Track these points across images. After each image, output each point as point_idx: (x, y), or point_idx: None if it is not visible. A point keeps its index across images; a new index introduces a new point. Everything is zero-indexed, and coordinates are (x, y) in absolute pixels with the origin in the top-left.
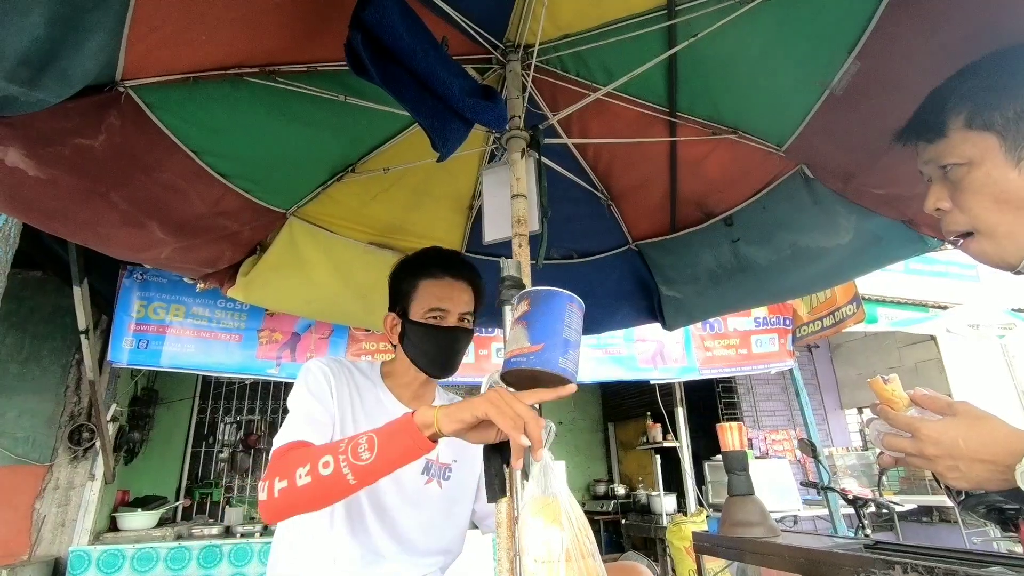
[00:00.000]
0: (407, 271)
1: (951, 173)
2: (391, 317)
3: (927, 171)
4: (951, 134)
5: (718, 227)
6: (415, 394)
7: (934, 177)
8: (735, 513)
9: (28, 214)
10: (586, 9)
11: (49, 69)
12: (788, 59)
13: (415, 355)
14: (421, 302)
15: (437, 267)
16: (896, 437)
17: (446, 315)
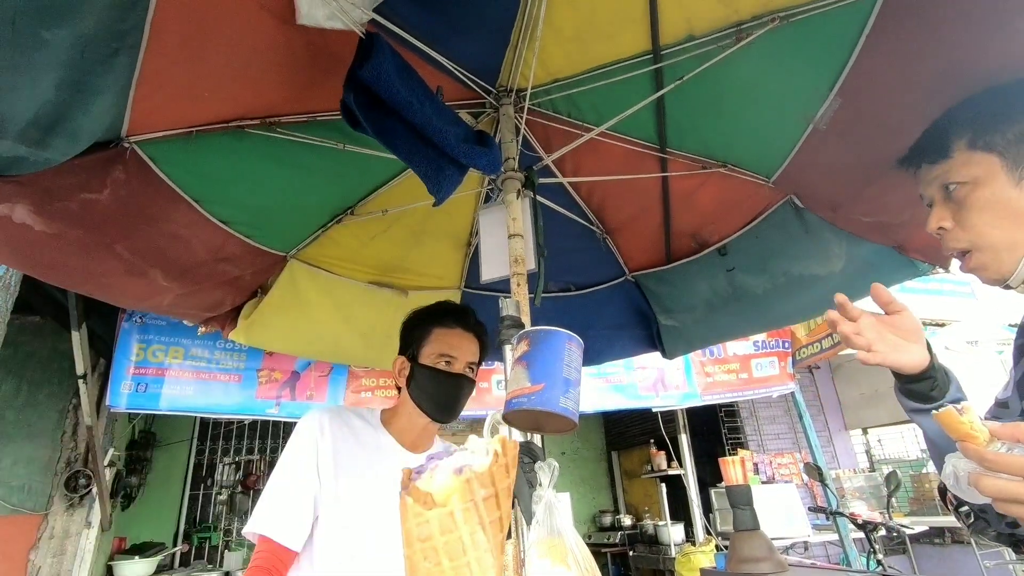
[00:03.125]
0: (421, 319)
1: (955, 192)
2: (400, 360)
3: (928, 193)
4: (955, 155)
5: (712, 257)
6: (415, 440)
7: (935, 199)
8: (741, 549)
9: (34, 268)
10: (575, 55)
11: (57, 130)
12: (772, 96)
13: (420, 398)
14: (432, 347)
15: (450, 317)
16: (1000, 481)
17: (454, 362)
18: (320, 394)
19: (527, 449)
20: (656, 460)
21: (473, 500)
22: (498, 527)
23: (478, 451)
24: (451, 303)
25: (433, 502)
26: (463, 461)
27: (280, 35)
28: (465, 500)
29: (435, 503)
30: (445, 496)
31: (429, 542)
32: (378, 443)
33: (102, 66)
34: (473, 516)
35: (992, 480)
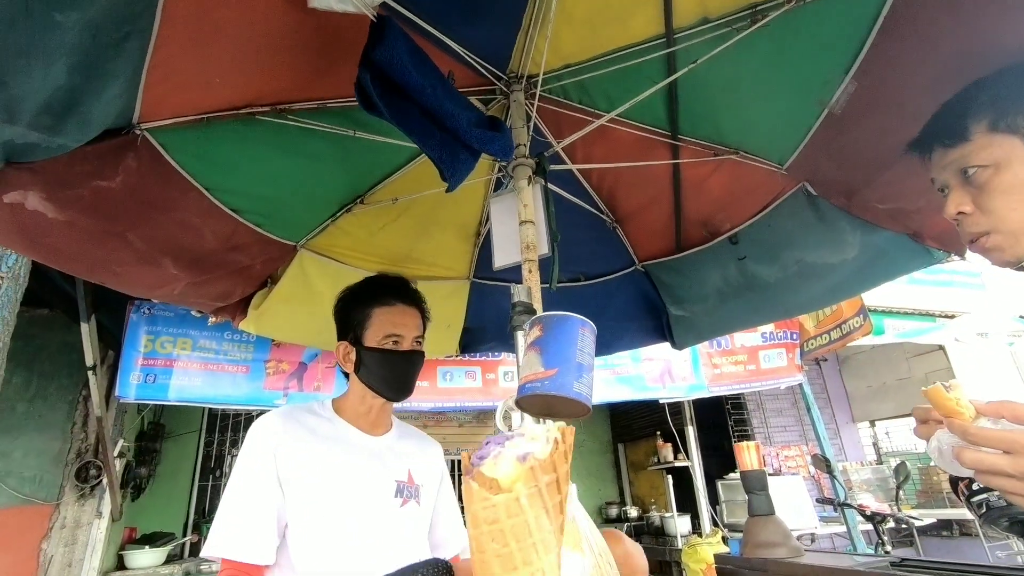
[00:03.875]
0: (358, 300)
1: (975, 176)
2: (343, 346)
3: (943, 178)
4: (975, 138)
5: (724, 246)
6: (373, 421)
7: (951, 183)
8: (757, 534)
9: (47, 255)
10: (587, 39)
11: (70, 116)
12: (786, 80)
13: (372, 381)
14: (376, 329)
15: (389, 295)
16: (981, 453)
17: (402, 340)
18: (327, 385)
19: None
20: (663, 452)
21: (537, 486)
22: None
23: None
24: (384, 277)
25: (499, 488)
26: (525, 448)
27: (291, 19)
28: (529, 486)
29: (501, 489)
30: (510, 482)
31: (496, 525)
32: (336, 433)
33: (113, 50)
34: (538, 501)
35: (973, 452)
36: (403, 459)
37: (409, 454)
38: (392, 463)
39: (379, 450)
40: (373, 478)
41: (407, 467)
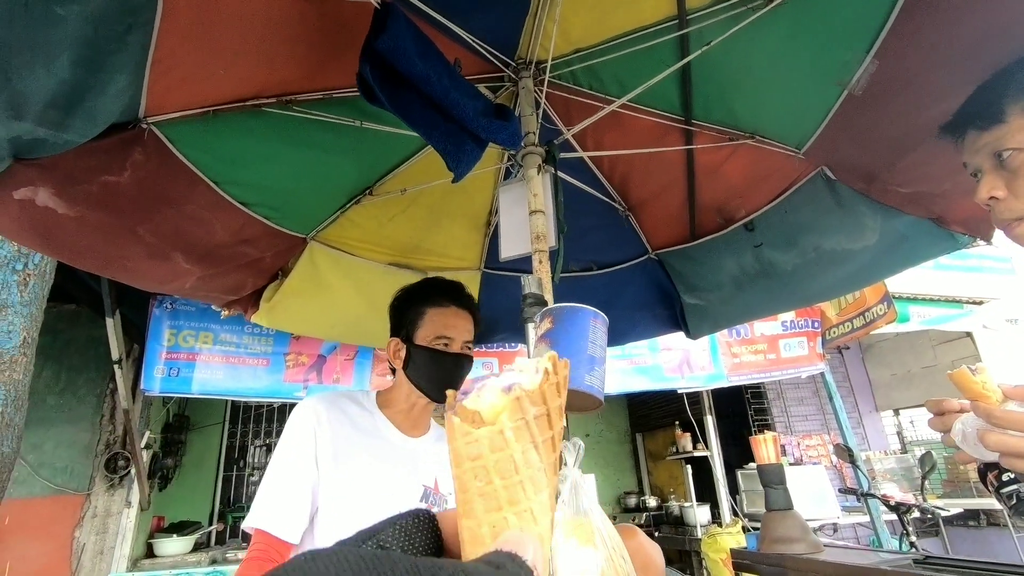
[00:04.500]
0: (412, 299)
1: (1009, 160)
2: (395, 343)
3: (976, 161)
4: (1011, 120)
5: (739, 233)
6: (414, 421)
7: (984, 167)
8: (775, 529)
9: (59, 251)
10: (596, 23)
11: (76, 110)
12: (804, 61)
13: (419, 379)
14: (428, 329)
15: (443, 296)
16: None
17: (452, 342)
18: (346, 377)
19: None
20: (681, 442)
21: (524, 419)
22: (551, 447)
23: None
24: (440, 280)
25: (482, 420)
26: (512, 380)
27: (294, 8)
28: (516, 419)
29: (484, 421)
30: (494, 414)
31: (479, 461)
32: (375, 427)
33: (116, 43)
34: (525, 435)
35: (998, 435)
36: (434, 465)
37: (442, 461)
38: (423, 467)
39: (413, 452)
40: (401, 480)
41: (435, 475)
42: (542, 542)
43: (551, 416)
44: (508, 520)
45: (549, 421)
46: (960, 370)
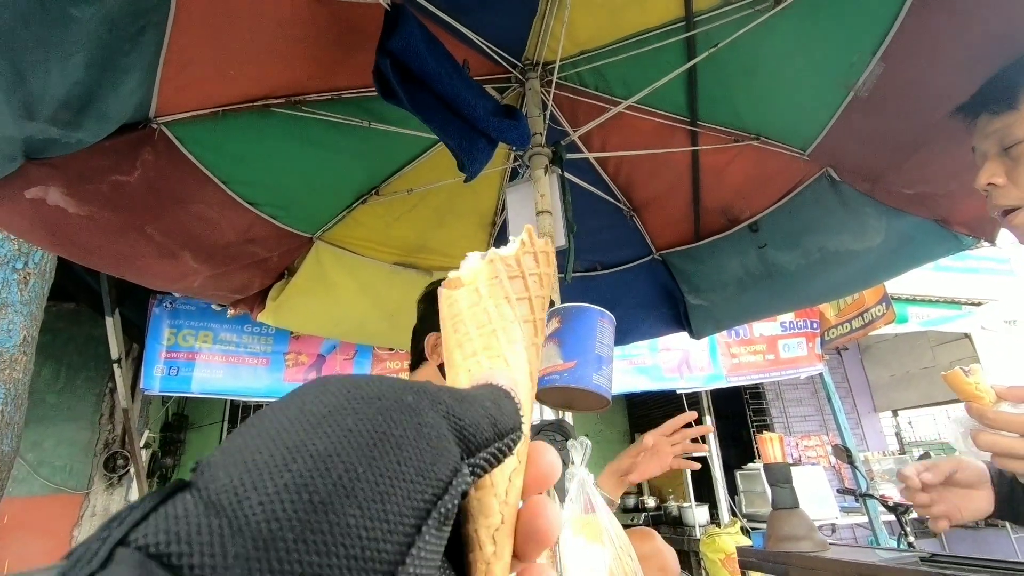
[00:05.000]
0: None
1: (1014, 149)
2: (434, 336)
3: (983, 146)
4: (1023, 108)
5: (743, 234)
6: None
7: (990, 153)
8: (781, 527)
9: (70, 250)
10: (603, 25)
11: (88, 111)
12: (810, 63)
13: None
14: None
15: None
16: (997, 436)
17: None
18: None
19: (559, 427)
20: None
21: (498, 277)
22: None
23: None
24: None
25: (461, 283)
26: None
27: (305, 9)
28: (490, 277)
29: (462, 283)
30: (472, 276)
31: (457, 316)
32: None
33: (129, 44)
34: (498, 290)
35: (989, 436)
36: None
37: None
38: None
39: None
40: None
41: None
42: (516, 383)
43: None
44: (481, 363)
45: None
46: (954, 371)
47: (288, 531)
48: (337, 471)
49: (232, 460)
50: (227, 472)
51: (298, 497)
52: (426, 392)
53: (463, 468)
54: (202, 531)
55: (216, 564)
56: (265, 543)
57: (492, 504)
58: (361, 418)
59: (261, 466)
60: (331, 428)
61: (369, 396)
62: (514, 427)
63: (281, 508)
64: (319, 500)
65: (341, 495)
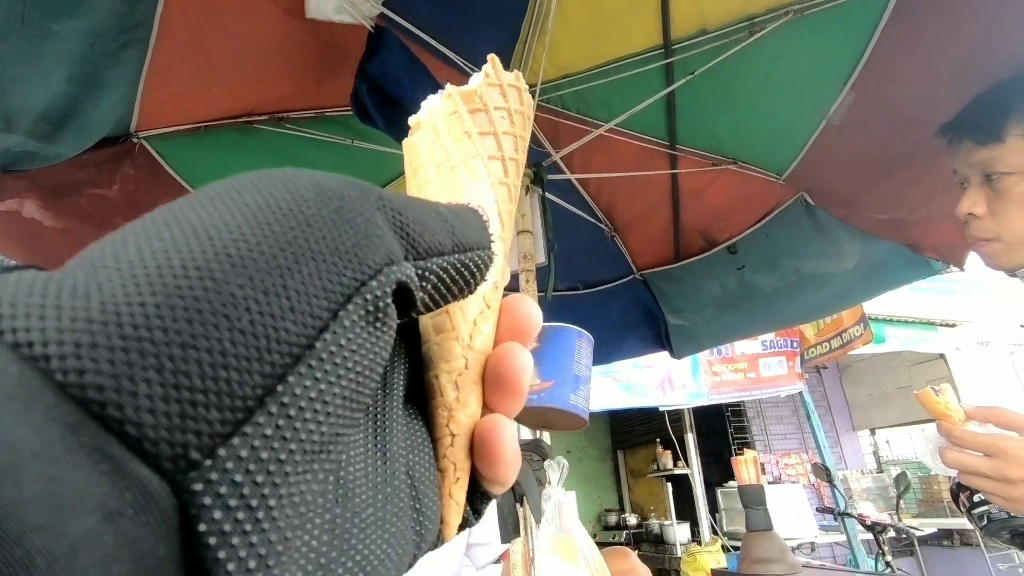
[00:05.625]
0: None
1: (997, 181)
2: None
3: (966, 172)
4: (1009, 140)
5: (722, 255)
6: None
7: (972, 181)
8: (754, 550)
9: (44, 264)
10: (585, 49)
11: (68, 124)
12: (784, 92)
13: None
14: None
15: None
16: (961, 454)
17: None
18: None
19: (536, 447)
20: (662, 459)
21: (457, 112)
22: (494, 142)
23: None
24: None
25: (420, 125)
26: (450, 87)
27: (289, 29)
28: (448, 113)
29: (422, 126)
30: (430, 116)
31: (416, 160)
32: None
33: (111, 59)
34: (457, 125)
35: (955, 453)
36: None
37: None
38: None
39: None
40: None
41: None
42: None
43: (490, 113)
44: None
45: (489, 118)
46: (924, 391)
47: (148, 296)
48: (222, 240)
49: (101, 240)
50: (90, 250)
51: (166, 263)
52: (356, 183)
53: (404, 263)
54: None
55: (46, 327)
56: (117, 307)
57: (454, 348)
58: (262, 194)
59: (129, 240)
60: (223, 203)
61: (278, 176)
62: (479, 244)
63: (143, 274)
64: (194, 266)
65: (224, 263)
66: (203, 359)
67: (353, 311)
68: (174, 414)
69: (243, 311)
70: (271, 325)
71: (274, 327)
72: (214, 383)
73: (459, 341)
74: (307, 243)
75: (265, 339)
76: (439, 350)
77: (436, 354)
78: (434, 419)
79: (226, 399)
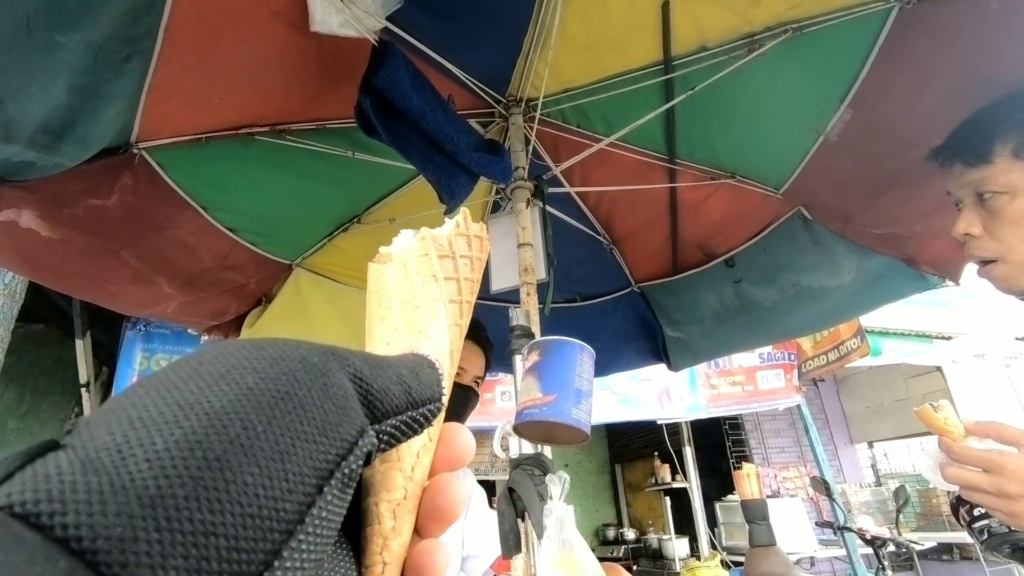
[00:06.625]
0: None
1: (989, 201)
2: None
3: (960, 194)
4: (997, 161)
5: (720, 268)
6: None
7: (966, 202)
8: (758, 565)
9: (40, 274)
10: (586, 65)
11: (67, 135)
12: (782, 107)
13: None
14: None
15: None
16: (961, 470)
17: (464, 374)
18: None
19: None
20: (660, 473)
21: (428, 255)
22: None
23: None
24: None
25: (390, 258)
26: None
27: (292, 42)
28: (420, 254)
29: (391, 259)
30: (401, 252)
31: (383, 291)
32: None
33: (114, 71)
34: (426, 267)
35: (954, 469)
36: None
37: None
38: None
39: None
40: None
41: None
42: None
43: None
44: (402, 338)
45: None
46: (923, 408)
47: (179, 488)
48: (235, 428)
49: (115, 418)
50: (109, 430)
51: (190, 454)
52: (334, 354)
53: (369, 431)
54: (78, 489)
55: (95, 523)
56: (152, 500)
57: (396, 478)
58: (262, 376)
59: (148, 423)
60: (229, 386)
61: (272, 356)
62: (432, 398)
63: (171, 465)
64: (214, 457)
65: (238, 453)
66: (220, 544)
67: (334, 484)
68: None
69: (253, 497)
70: (273, 507)
71: (275, 508)
72: (228, 564)
73: (402, 472)
74: (300, 425)
75: (269, 520)
76: (381, 479)
77: (378, 482)
78: (367, 545)
79: None
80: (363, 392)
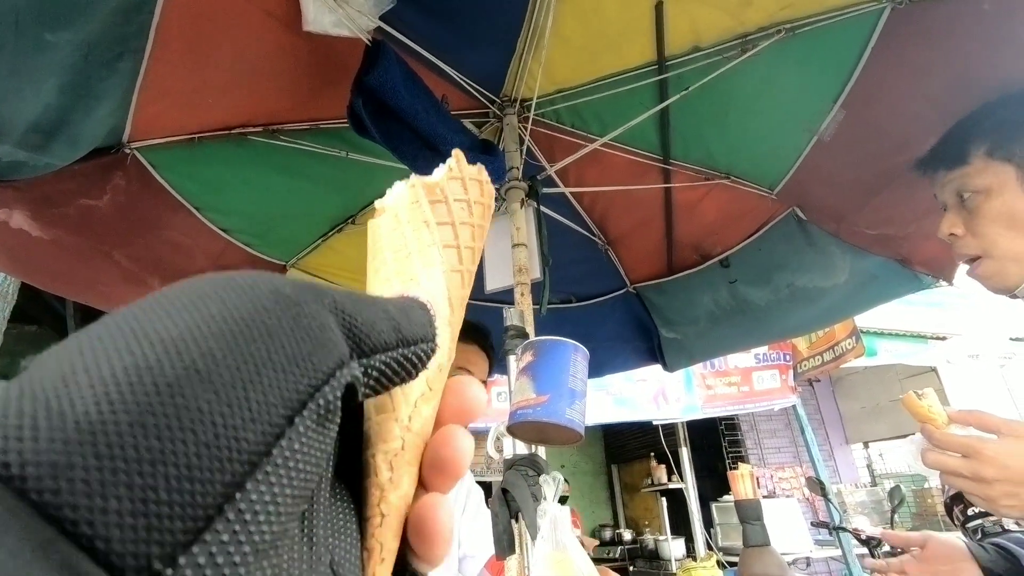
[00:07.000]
0: None
1: (968, 200)
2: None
3: (943, 197)
4: (973, 162)
5: (715, 269)
6: None
7: (949, 204)
8: (752, 565)
9: (31, 275)
10: (580, 65)
11: (59, 135)
12: (776, 107)
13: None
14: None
15: (469, 334)
16: (941, 455)
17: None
18: None
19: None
20: (656, 474)
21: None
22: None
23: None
24: (469, 320)
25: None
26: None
27: (285, 42)
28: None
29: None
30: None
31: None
32: None
33: (106, 70)
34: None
35: (934, 455)
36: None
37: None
38: None
39: None
40: None
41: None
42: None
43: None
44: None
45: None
46: (908, 395)
47: (123, 413)
48: (190, 355)
49: (66, 349)
50: (57, 360)
51: (138, 379)
52: (310, 286)
53: (352, 363)
54: (8, 414)
55: (24, 448)
56: (92, 425)
57: (392, 429)
58: (226, 305)
59: (98, 351)
60: (190, 314)
61: (239, 286)
62: (424, 337)
63: (116, 390)
64: (165, 383)
65: (193, 379)
66: (170, 473)
67: (307, 416)
68: (140, 527)
69: (209, 425)
70: (233, 436)
71: (235, 438)
72: (179, 495)
73: (398, 422)
74: (267, 354)
75: (227, 450)
76: (378, 429)
77: (375, 433)
78: (366, 498)
79: (188, 510)
80: (346, 325)
